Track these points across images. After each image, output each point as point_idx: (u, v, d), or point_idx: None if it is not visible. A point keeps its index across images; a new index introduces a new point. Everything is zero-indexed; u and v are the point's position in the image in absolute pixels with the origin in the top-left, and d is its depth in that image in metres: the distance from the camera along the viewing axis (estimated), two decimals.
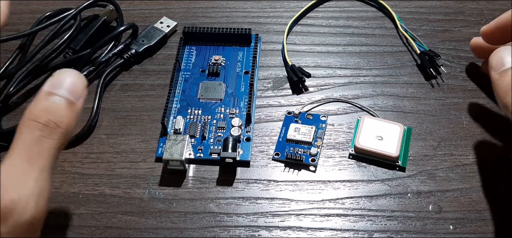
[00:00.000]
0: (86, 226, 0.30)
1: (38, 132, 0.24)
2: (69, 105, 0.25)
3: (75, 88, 0.26)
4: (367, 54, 0.39)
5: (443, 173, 0.32)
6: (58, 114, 0.25)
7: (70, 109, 0.25)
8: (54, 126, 0.24)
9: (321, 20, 0.42)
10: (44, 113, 0.24)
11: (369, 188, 0.31)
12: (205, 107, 0.35)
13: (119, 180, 0.32)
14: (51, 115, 0.24)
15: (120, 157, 0.33)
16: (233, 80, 0.37)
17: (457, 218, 0.30)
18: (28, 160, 0.24)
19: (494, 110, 0.35)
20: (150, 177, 0.32)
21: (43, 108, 0.25)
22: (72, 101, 0.25)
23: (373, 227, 0.29)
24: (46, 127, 0.24)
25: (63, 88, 0.25)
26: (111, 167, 0.33)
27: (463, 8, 0.42)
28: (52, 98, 0.25)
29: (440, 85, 0.37)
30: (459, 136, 0.34)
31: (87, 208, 0.31)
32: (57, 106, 0.25)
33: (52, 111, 0.25)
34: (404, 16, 0.41)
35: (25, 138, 0.24)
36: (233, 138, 0.33)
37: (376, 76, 0.37)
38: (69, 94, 0.25)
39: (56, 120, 0.24)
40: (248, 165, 0.33)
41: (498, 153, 0.33)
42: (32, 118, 0.24)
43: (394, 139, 0.32)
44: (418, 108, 0.35)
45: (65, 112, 0.25)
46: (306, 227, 0.30)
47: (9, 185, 0.23)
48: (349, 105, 0.36)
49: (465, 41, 0.39)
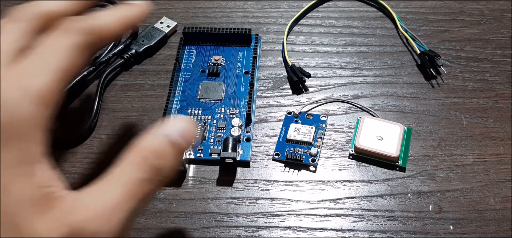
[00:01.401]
0: None
1: (142, 174, 0.22)
2: (177, 153, 0.23)
3: (189, 138, 0.24)
4: (367, 54, 0.39)
5: (443, 173, 0.32)
6: (167, 161, 0.23)
7: (177, 158, 0.23)
8: (158, 174, 0.22)
9: (321, 20, 0.42)
10: (155, 156, 0.22)
11: (369, 188, 0.31)
12: (205, 108, 0.35)
13: None
14: (160, 161, 0.22)
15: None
16: (233, 80, 0.37)
17: (457, 218, 0.30)
18: (125, 196, 0.21)
19: (494, 110, 0.35)
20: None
21: (155, 150, 0.22)
22: (181, 150, 0.24)
23: (373, 227, 0.29)
24: (152, 171, 0.22)
25: (179, 135, 0.23)
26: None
27: (463, 8, 0.42)
28: (166, 142, 0.23)
29: (440, 85, 0.37)
30: (459, 136, 0.34)
31: None
32: (168, 154, 0.23)
33: (162, 157, 0.23)
34: (404, 16, 0.41)
35: (129, 173, 0.22)
36: (233, 138, 0.33)
37: (376, 76, 0.37)
38: (183, 140, 0.23)
39: (162, 167, 0.22)
40: (248, 165, 0.33)
41: (498, 152, 0.33)
42: (142, 156, 0.22)
43: (394, 139, 0.32)
44: (418, 109, 0.35)
45: (172, 162, 0.23)
46: (306, 227, 0.30)
47: (100, 212, 0.20)
48: (349, 106, 0.36)
49: (465, 41, 0.39)
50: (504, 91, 0.36)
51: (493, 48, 0.39)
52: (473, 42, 0.39)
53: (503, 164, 0.32)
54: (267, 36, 0.41)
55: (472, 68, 0.38)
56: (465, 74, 0.37)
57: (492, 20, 0.41)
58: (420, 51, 0.37)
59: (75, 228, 0.19)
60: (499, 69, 0.37)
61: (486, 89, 0.36)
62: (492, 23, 0.41)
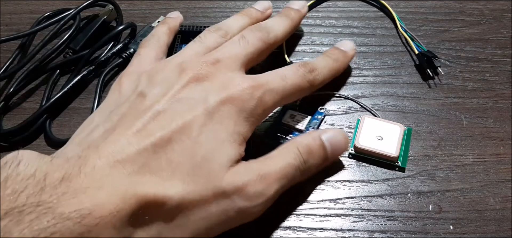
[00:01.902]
0: None
1: (294, 161, 0.28)
2: (324, 158, 0.30)
3: (337, 148, 0.30)
4: (367, 54, 0.39)
5: (443, 173, 0.32)
6: (314, 159, 0.29)
7: (322, 165, 0.30)
8: (305, 166, 0.28)
9: (321, 20, 0.42)
10: (307, 152, 0.29)
11: (369, 188, 0.31)
12: None
13: None
14: (309, 157, 0.29)
15: None
16: None
17: (457, 218, 0.30)
18: (281, 173, 0.27)
19: (494, 110, 0.35)
20: None
21: (308, 146, 0.29)
22: (328, 156, 0.30)
23: (373, 227, 0.29)
24: (301, 162, 0.28)
25: (329, 142, 0.30)
26: None
27: (463, 8, 0.42)
28: (318, 144, 0.29)
29: (440, 85, 0.37)
30: (459, 136, 0.34)
31: None
32: (317, 153, 0.29)
33: (311, 154, 0.29)
34: (404, 16, 0.41)
35: (286, 158, 0.28)
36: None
37: (376, 76, 0.37)
38: (331, 147, 0.30)
39: (310, 162, 0.29)
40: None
41: (498, 152, 0.33)
42: (297, 147, 0.28)
43: (394, 139, 0.32)
44: (418, 108, 0.35)
45: (317, 160, 0.29)
46: (306, 227, 0.30)
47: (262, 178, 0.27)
48: (349, 106, 0.36)
49: (465, 41, 0.39)
50: (504, 91, 0.36)
51: (493, 48, 0.39)
52: (473, 42, 0.39)
53: (503, 164, 0.32)
54: None
55: (472, 68, 0.38)
56: (465, 74, 0.37)
57: (492, 20, 0.41)
58: (418, 51, 0.37)
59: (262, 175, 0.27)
60: (499, 69, 0.37)
61: (486, 89, 0.36)
62: (492, 23, 0.41)
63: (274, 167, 0.27)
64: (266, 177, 0.27)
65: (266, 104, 0.29)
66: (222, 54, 0.30)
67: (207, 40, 0.32)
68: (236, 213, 0.26)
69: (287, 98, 0.31)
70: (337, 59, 0.35)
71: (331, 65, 0.34)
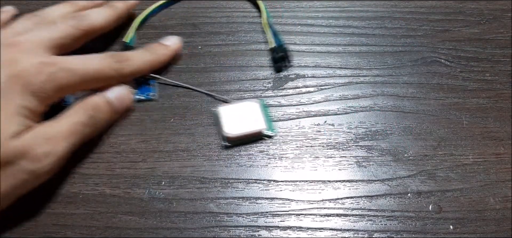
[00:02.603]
0: (86, 226, 0.30)
1: (81, 118, 0.31)
2: (112, 111, 0.33)
3: (124, 101, 0.34)
4: (367, 54, 0.39)
5: (443, 173, 0.32)
6: (101, 114, 0.32)
7: (113, 117, 0.33)
8: (94, 121, 0.31)
9: (321, 20, 0.42)
10: (92, 108, 0.31)
11: (369, 188, 0.31)
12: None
13: (119, 180, 0.32)
14: (96, 113, 0.32)
15: (120, 157, 0.33)
16: None
17: (457, 218, 0.30)
18: (68, 132, 0.30)
19: (494, 110, 0.35)
20: (150, 177, 0.32)
21: (94, 104, 0.32)
22: (116, 109, 0.33)
23: (373, 227, 0.29)
24: (89, 118, 0.31)
25: (115, 98, 0.33)
26: (111, 167, 0.33)
27: (463, 8, 0.42)
28: (104, 101, 0.32)
29: (440, 85, 0.37)
30: (459, 136, 0.34)
31: (87, 208, 0.31)
32: (103, 108, 0.32)
33: (98, 110, 0.32)
34: (404, 16, 0.41)
35: (73, 117, 0.31)
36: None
37: (376, 76, 0.37)
38: (116, 100, 0.33)
39: (97, 117, 0.32)
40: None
41: (498, 152, 0.33)
42: (84, 106, 0.31)
43: (256, 114, 0.33)
44: (418, 108, 0.35)
45: (107, 115, 0.33)
46: (306, 227, 0.30)
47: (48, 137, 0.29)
48: (349, 105, 0.36)
49: (465, 41, 0.39)
50: (504, 91, 0.36)
51: (493, 48, 0.39)
52: (473, 42, 0.39)
53: (503, 164, 0.32)
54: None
55: (472, 68, 0.38)
56: (465, 74, 0.37)
57: (492, 20, 0.41)
58: (274, 46, 0.38)
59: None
60: (499, 69, 0.37)
61: (486, 89, 0.36)
62: (492, 23, 0.41)
63: (61, 127, 0.30)
64: (52, 138, 0.29)
65: (59, 82, 0.30)
66: (24, 38, 0.31)
67: (17, 26, 0.33)
68: (27, 175, 0.28)
69: (90, 83, 0.32)
70: (155, 52, 0.36)
71: (148, 57, 0.35)
